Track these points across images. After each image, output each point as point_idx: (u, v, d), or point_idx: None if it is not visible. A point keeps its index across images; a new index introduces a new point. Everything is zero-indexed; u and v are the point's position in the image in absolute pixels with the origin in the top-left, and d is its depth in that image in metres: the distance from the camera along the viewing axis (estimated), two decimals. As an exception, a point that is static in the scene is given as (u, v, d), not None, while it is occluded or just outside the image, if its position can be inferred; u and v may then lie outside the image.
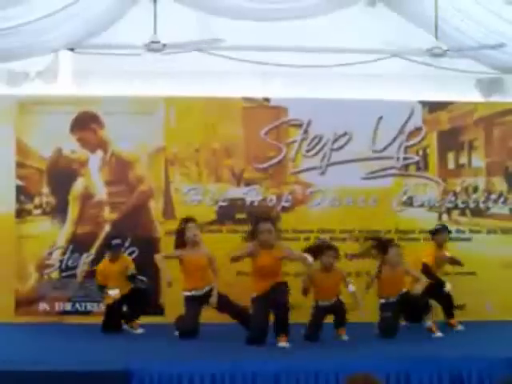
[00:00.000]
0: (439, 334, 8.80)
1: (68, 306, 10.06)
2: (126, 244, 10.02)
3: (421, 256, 9.67)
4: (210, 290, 8.85)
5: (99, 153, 10.26)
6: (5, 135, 10.14)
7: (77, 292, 10.06)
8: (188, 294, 8.84)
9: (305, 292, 8.77)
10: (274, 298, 8.36)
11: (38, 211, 10.14)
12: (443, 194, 10.49)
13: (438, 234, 9.84)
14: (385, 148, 10.42)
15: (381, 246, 9.09)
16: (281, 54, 10.15)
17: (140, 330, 9.21)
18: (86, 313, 9.99)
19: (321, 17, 10.05)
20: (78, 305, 10.06)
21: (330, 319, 8.80)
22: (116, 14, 9.97)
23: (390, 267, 9.06)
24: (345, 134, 10.36)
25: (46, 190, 10.17)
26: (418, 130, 10.49)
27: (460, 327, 9.38)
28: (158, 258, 9.06)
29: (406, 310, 9.04)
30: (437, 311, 9.49)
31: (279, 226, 8.93)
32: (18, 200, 10.11)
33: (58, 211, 10.14)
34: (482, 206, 10.51)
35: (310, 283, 8.76)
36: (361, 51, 10.29)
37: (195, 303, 8.81)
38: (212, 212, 10.23)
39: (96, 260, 9.95)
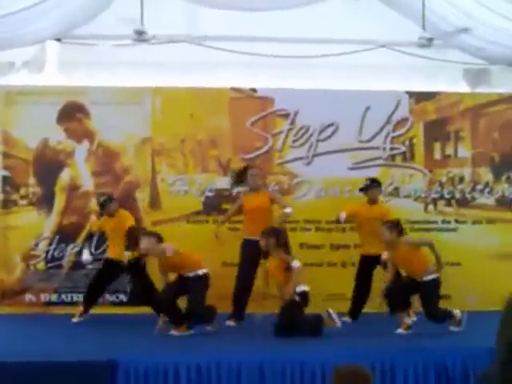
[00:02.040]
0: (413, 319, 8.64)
1: (54, 297, 10.06)
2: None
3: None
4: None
5: (85, 143, 10.24)
6: (-10, 125, 10.11)
7: (63, 283, 10.07)
8: None
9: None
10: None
11: (24, 202, 10.12)
12: (429, 184, 10.51)
13: (370, 189, 9.48)
14: (371, 138, 10.44)
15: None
16: (268, 45, 10.11)
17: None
18: (72, 303, 9.96)
19: (308, 7, 10.02)
20: (63, 295, 10.06)
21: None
22: (102, 3, 9.92)
23: None
24: (331, 124, 10.37)
25: (32, 180, 10.15)
26: (404, 120, 10.50)
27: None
28: None
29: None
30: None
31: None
32: (3, 190, 10.10)
33: (44, 202, 10.12)
34: (467, 196, 10.54)
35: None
36: (348, 42, 10.27)
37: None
38: (198, 202, 10.23)
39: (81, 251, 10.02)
